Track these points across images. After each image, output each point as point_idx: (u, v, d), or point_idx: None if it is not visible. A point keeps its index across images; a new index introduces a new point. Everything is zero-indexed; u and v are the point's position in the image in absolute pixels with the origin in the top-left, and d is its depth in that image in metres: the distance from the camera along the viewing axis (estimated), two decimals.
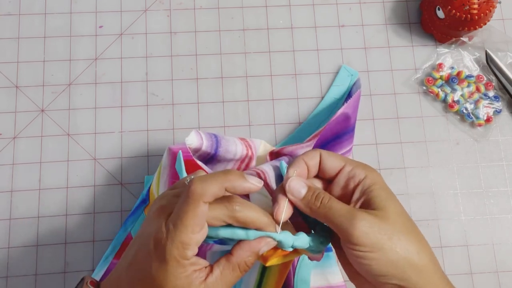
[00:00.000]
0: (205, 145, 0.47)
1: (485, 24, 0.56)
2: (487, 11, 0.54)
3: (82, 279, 0.36)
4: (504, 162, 0.56)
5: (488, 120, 0.57)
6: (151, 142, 0.55)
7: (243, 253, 0.33)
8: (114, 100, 0.56)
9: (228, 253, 0.34)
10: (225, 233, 0.33)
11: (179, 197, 0.33)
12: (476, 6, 0.53)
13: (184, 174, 0.40)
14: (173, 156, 0.46)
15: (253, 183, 0.33)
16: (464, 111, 0.57)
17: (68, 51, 0.58)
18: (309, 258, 0.37)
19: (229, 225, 0.33)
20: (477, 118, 0.57)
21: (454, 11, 0.54)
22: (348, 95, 0.57)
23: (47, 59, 0.57)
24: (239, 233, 0.33)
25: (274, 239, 0.33)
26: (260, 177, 0.42)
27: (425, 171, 0.56)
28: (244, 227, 0.33)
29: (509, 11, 0.61)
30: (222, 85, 0.58)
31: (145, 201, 0.51)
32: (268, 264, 0.34)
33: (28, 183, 0.53)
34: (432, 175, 0.56)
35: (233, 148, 0.49)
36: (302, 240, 0.34)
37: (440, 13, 0.56)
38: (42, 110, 0.56)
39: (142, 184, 0.54)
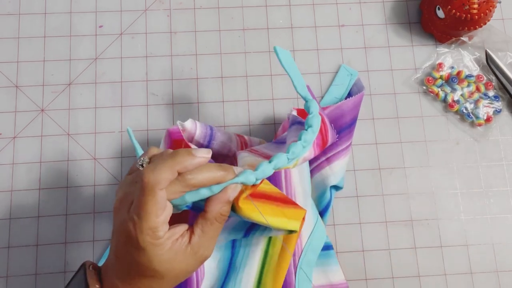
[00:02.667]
0: (198, 134, 0.47)
1: (485, 24, 0.56)
2: (487, 11, 0.54)
3: (83, 264, 0.37)
4: (504, 162, 0.56)
5: (488, 120, 0.57)
6: (151, 142, 0.55)
7: (215, 206, 0.35)
8: (114, 100, 0.56)
9: (203, 211, 0.35)
10: (191, 197, 0.34)
11: (135, 183, 0.34)
12: (476, 6, 0.53)
13: (140, 152, 0.40)
14: (168, 136, 0.46)
15: (202, 156, 0.34)
16: (464, 110, 0.57)
17: (68, 51, 0.58)
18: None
19: None
20: (477, 117, 0.57)
21: (454, 10, 0.54)
22: (348, 95, 0.57)
23: (47, 59, 0.57)
24: (203, 193, 0.35)
25: (237, 183, 0.35)
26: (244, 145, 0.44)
27: (425, 171, 0.56)
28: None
29: (509, 11, 0.61)
30: (222, 85, 0.58)
31: None
32: (241, 204, 0.36)
33: (28, 183, 0.53)
34: (432, 175, 0.56)
35: (228, 144, 0.49)
36: (264, 171, 0.36)
37: (440, 13, 0.56)
38: (42, 110, 0.56)
39: None
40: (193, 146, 0.46)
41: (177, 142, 0.46)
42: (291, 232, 0.40)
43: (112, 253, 0.36)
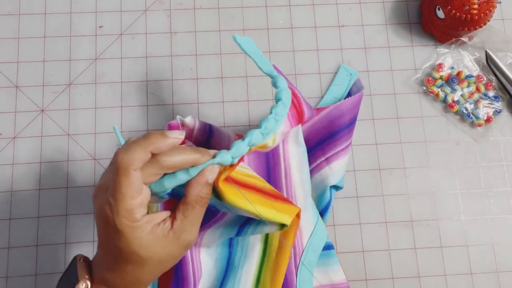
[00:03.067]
0: (197, 131, 0.47)
1: (485, 24, 0.56)
2: (487, 11, 0.54)
3: (75, 258, 0.38)
4: (504, 162, 0.56)
5: (488, 120, 0.57)
6: None
7: (194, 189, 0.35)
8: (114, 100, 0.56)
9: (183, 196, 0.35)
10: (169, 182, 0.34)
11: (111, 169, 0.34)
12: (476, 6, 0.53)
13: (122, 142, 0.40)
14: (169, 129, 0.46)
15: (175, 137, 0.34)
16: (464, 111, 0.57)
17: (68, 51, 0.58)
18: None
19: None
20: (477, 118, 0.57)
21: (454, 11, 0.54)
22: (348, 94, 0.57)
23: (47, 59, 0.57)
24: (181, 177, 0.34)
25: (214, 164, 0.35)
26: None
27: (425, 171, 0.56)
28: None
29: (509, 11, 0.61)
30: (222, 85, 0.58)
31: None
32: (221, 184, 0.36)
33: (28, 183, 0.53)
34: (432, 175, 0.56)
35: (226, 143, 0.49)
36: (239, 148, 0.36)
37: (440, 13, 0.56)
38: (42, 110, 0.56)
39: None
40: (189, 143, 0.46)
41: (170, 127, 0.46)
42: (282, 227, 0.40)
43: (98, 244, 0.36)
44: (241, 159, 0.37)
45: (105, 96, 0.56)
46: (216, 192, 0.36)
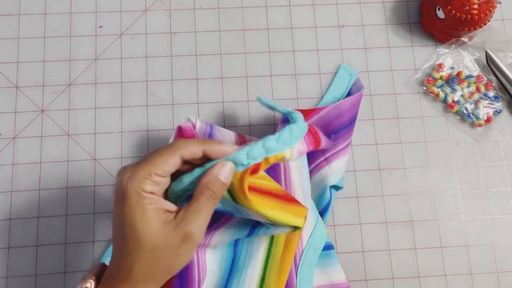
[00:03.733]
0: (198, 129, 0.47)
1: (485, 24, 0.56)
2: (487, 11, 0.54)
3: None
4: (504, 162, 0.56)
5: (488, 120, 0.57)
6: (151, 142, 0.55)
7: (202, 180, 0.35)
8: (114, 100, 0.56)
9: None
10: (187, 178, 0.35)
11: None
12: (476, 6, 0.53)
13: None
14: (179, 133, 0.47)
15: (230, 146, 0.36)
16: (464, 111, 0.57)
17: (68, 51, 0.58)
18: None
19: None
20: (477, 118, 0.57)
21: (454, 11, 0.54)
22: (348, 94, 0.57)
23: (47, 59, 0.57)
24: (196, 171, 0.36)
25: (229, 159, 0.36)
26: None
27: (425, 171, 0.56)
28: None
29: (509, 11, 0.61)
30: (222, 85, 0.58)
31: None
32: (250, 196, 0.36)
33: (28, 183, 0.53)
34: (432, 175, 0.56)
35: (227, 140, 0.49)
36: (253, 148, 0.37)
37: (440, 13, 0.56)
38: (42, 110, 0.56)
39: None
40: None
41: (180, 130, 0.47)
42: (295, 229, 0.40)
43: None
44: (259, 167, 0.38)
45: (105, 96, 0.56)
46: (238, 199, 0.37)
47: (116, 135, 0.55)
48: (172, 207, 0.35)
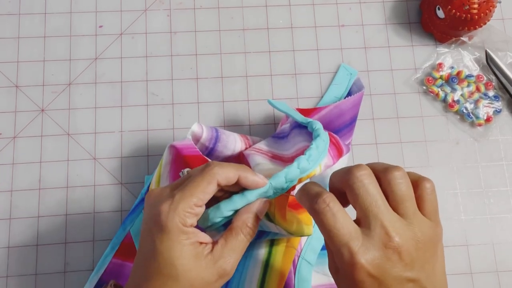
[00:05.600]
0: (204, 137, 0.47)
1: (485, 23, 0.56)
2: (487, 11, 0.54)
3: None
4: (504, 162, 0.56)
5: (488, 120, 0.57)
6: (151, 142, 0.55)
7: (241, 215, 0.35)
8: (114, 100, 0.56)
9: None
10: (224, 206, 0.35)
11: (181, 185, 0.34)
12: (476, 5, 0.53)
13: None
14: (175, 153, 0.46)
15: (262, 179, 0.35)
16: (464, 110, 0.57)
17: (68, 51, 0.58)
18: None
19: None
20: (477, 117, 0.57)
21: (454, 10, 0.54)
22: (348, 94, 0.57)
23: (47, 59, 0.57)
24: (236, 199, 0.35)
25: (268, 189, 0.36)
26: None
27: (425, 171, 0.56)
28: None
29: (509, 11, 0.61)
30: (222, 85, 0.58)
31: None
32: (289, 217, 0.37)
33: (28, 183, 0.53)
34: (432, 175, 0.55)
35: (232, 145, 0.49)
36: (290, 171, 0.38)
37: (440, 13, 0.56)
38: (42, 110, 0.56)
39: (142, 184, 0.54)
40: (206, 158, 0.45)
41: (190, 158, 0.45)
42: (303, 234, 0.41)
43: (133, 265, 0.35)
44: (293, 188, 0.39)
45: (105, 96, 0.56)
46: (276, 220, 0.37)
47: (116, 134, 0.55)
48: (207, 238, 0.34)
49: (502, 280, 0.53)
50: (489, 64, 0.58)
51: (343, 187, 0.32)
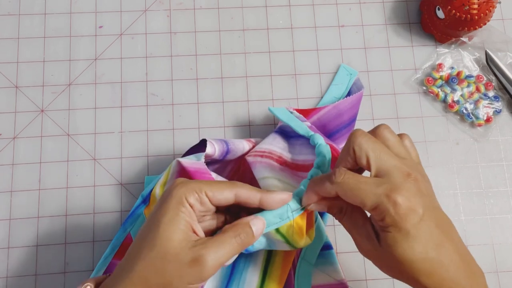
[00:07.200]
0: (217, 155, 0.47)
1: (485, 24, 0.56)
2: (487, 11, 0.54)
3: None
4: (504, 162, 0.56)
5: (488, 120, 0.57)
6: (151, 142, 0.55)
7: (241, 220, 0.36)
8: (114, 100, 0.56)
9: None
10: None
11: None
12: (476, 6, 0.53)
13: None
14: (182, 168, 0.45)
15: (285, 193, 0.37)
16: (464, 111, 0.57)
17: (68, 51, 0.58)
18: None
19: None
20: (477, 118, 0.57)
21: (454, 11, 0.54)
22: (348, 94, 0.57)
23: (47, 59, 0.57)
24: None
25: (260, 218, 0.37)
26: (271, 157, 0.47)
27: (425, 171, 0.56)
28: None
29: (509, 11, 0.61)
30: (222, 85, 0.58)
31: (146, 201, 0.51)
32: (309, 234, 0.39)
33: (28, 183, 0.53)
34: (432, 175, 0.55)
35: (240, 152, 0.49)
36: (300, 192, 0.38)
37: (440, 13, 0.56)
38: (42, 110, 0.56)
39: (142, 184, 0.54)
40: (214, 175, 0.45)
41: (196, 174, 0.43)
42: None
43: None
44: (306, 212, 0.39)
45: (105, 96, 0.56)
46: (294, 241, 0.38)
47: (116, 135, 0.55)
48: (202, 233, 0.35)
49: (502, 280, 0.53)
50: (489, 64, 0.58)
51: (352, 159, 0.35)
